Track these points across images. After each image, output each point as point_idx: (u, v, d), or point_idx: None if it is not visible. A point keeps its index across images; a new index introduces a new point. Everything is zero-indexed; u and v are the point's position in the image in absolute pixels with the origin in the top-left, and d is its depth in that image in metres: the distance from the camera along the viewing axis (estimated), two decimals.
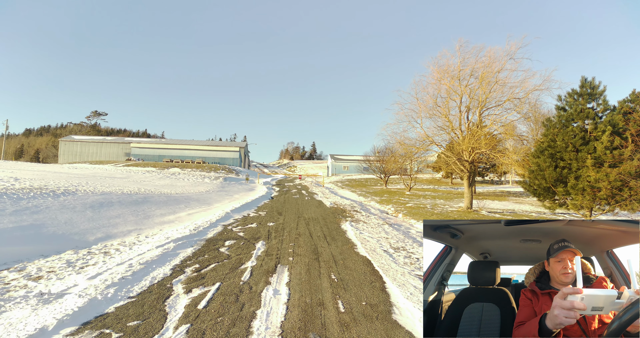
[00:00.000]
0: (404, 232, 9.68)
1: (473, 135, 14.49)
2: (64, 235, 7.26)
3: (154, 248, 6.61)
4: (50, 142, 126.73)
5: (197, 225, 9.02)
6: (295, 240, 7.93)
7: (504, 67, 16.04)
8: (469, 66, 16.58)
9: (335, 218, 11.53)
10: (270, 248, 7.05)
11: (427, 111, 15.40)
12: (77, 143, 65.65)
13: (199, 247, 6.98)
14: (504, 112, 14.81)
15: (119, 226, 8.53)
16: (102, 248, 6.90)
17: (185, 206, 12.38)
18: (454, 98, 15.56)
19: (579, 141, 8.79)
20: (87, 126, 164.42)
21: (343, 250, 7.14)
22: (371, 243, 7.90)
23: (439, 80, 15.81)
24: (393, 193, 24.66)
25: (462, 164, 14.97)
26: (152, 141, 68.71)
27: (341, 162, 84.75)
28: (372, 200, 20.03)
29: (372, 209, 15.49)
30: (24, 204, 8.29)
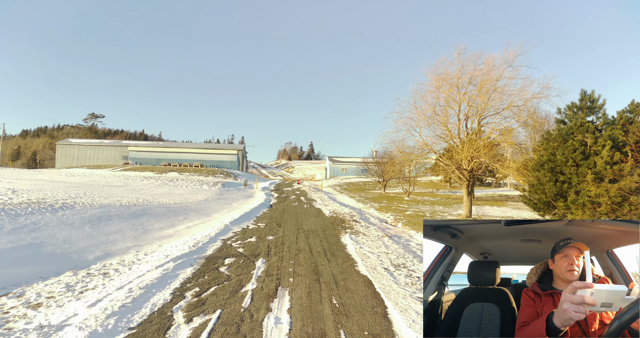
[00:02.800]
0: (404, 245, 9.67)
1: (472, 144, 14.53)
2: (63, 254, 7.21)
3: (153, 269, 6.56)
4: (47, 144, 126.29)
5: (196, 241, 8.98)
6: (295, 256, 7.90)
7: (502, 75, 16.09)
8: (468, 74, 16.63)
9: (335, 230, 11.50)
10: (271, 267, 7.02)
11: (425, 120, 15.45)
12: (74, 146, 65.41)
13: (199, 267, 6.93)
14: (502, 120, 14.88)
15: (117, 242, 8.48)
16: (101, 268, 6.85)
17: (184, 218, 12.33)
18: (453, 106, 15.59)
19: (579, 155, 8.83)
20: (84, 128, 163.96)
21: (344, 268, 7.12)
22: (371, 259, 7.88)
23: (438, 88, 15.85)
24: (392, 199, 24.66)
25: (461, 172, 14.98)
26: (150, 144, 68.51)
27: (339, 164, 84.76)
28: (371, 207, 20.03)
29: (372, 218, 15.48)
30: (22, 221, 8.23)
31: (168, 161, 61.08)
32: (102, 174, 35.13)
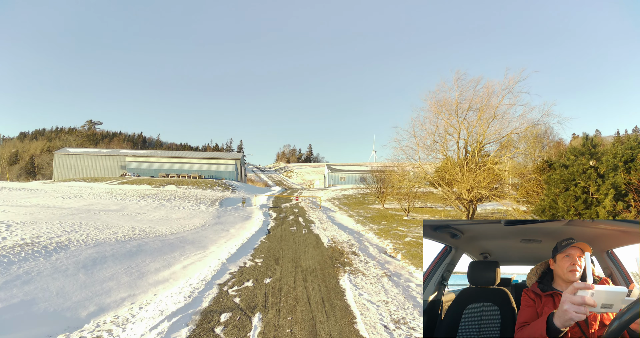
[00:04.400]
0: (404, 289, 9.54)
1: (472, 173, 14.47)
2: (56, 312, 7.06)
3: (147, 332, 6.41)
4: (45, 147, 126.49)
5: (192, 288, 8.83)
6: (292, 310, 7.77)
7: (502, 102, 16.10)
8: (467, 100, 16.66)
9: (334, 268, 11.37)
10: (267, 327, 6.88)
11: (425, 149, 15.45)
12: (71, 156, 65.26)
13: (194, 326, 6.79)
14: (503, 150, 14.80)
15: (112, 292, 8.33)
16: (94, 328, 6.70)
17: (180, 253, 12.18)
18: (452, 133, 15.56)
19: (581, 205, 8.75)
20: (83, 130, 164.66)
21: (342, 326, 6.99)
22: (371, 312, 7.75)
23: (437, 115, 15.85)
24: (391, 218, 24.52)
25: (461, 202, 14.90)
26: (148, 154, 68.43)
27: (338, 173, 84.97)
28: (370, 230, 19.93)
29: (370, 247, 15.34)
30: (14, 271, 8.07)
31: (166, 172, 60.91)
32: (100, 189, 34.94)
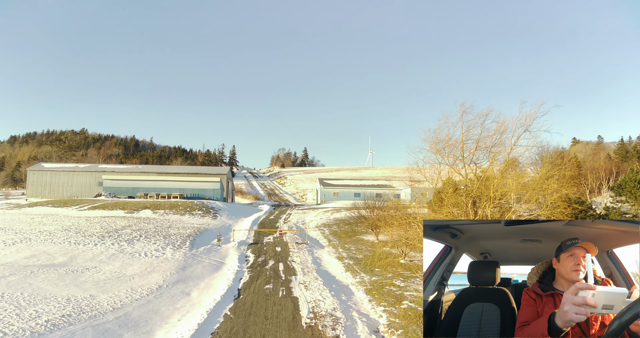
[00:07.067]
0: None
1: None
2: None
3: None
4: (32, 154, 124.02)
5: None
6: None
7: (517, 143, 13.52)
8: (474, 140, 13.97)
9: None
10: None
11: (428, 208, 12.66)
12: (46, 172, 61.54)
13: None
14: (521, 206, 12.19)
15: None
16: None
17: None
18: (459, 185, 12.89)
19: None
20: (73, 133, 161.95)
21: None
22: None
23: (439, 162, 13.14)
24: (385, 261, 21.81)
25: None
26: (127, 170, 64.92)
27: (331, 188, 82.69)
28: (360, 283, 17.26)
29: (359, 324, 12.46)
30: None
31: (145, 191, 57.23)
32: (63, 218, 31.68)
